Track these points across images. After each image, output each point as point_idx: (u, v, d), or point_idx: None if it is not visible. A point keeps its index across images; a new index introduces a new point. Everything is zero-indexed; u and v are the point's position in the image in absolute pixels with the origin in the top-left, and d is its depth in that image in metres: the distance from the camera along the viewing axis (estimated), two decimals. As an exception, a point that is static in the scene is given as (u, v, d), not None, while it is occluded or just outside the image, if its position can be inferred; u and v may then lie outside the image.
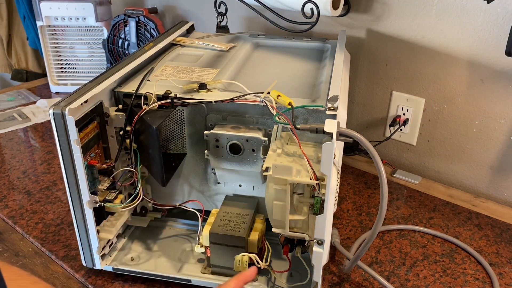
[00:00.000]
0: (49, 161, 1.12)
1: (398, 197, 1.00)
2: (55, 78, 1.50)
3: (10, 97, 1.47)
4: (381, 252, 0.84)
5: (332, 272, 0.79)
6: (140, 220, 0.83)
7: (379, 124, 1.16)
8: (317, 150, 0.64)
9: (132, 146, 0.72)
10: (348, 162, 1.13)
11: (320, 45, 0.99)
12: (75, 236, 0.73)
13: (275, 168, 0.60)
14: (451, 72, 1.00)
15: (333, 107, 0.63)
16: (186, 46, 0.97)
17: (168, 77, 0.79)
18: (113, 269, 0.76)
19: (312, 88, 0.78)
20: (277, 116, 0.64)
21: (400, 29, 1.04)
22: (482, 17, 0.92)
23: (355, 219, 0.92)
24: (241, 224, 0.73)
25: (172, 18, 1.52)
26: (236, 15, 1.26)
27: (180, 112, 0.75)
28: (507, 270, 0.80)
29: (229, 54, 0.92)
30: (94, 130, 0.70)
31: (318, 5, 0.97)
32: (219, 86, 0.75)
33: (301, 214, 0.64)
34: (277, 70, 0.86)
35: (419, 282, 0.77)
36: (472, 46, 0.95)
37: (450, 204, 0.98)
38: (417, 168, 1.13)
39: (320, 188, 0.60)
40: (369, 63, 1.12)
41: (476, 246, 0.86)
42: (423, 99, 1.06)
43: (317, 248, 0.63)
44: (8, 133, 1.25)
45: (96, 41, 1.45)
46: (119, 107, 0.73)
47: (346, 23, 1.12)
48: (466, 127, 1.02)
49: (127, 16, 1.35)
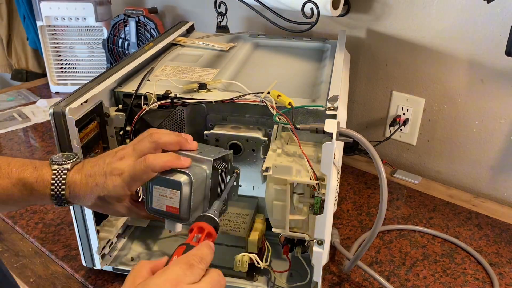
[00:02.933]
0: (49, 161, 1.12)
1: (398, 197, 1.00)
2: (55, 78, 1.50)
3: (10, 97, 1.47)
4: (381, 252, 0.84)
5: (332, 272, 0.79)
6: (140, 220, 0.83)
7: (379, 124, 1.16)
8: (317, 150, 0.64)
9: (132, 146, 0.72)
10: (348, 162, 1.12)
11: (320, 45, 0.99)
12: (75, 236, 0.73)
13: (275, 168, 0.60)
14: (451, 72, 1.00)
15: (333, 107, 0.63)
16: (186, 46, 0.97)
17: (168, 77, 0.79)
18: (113, 269, 0.76)
19: (312, 88, 0.78)
20: (277, 116, 0.64)
21: (400, 29, 1.04)
22: (482, 17, 0.92)
23: (355, 219, 0.92)
24: (241, 224, 0.73)
25: (172, 18, 1.52)
26: (236, 15, 1.26)
27: (180, 112, 0.75)
28: (507, 270, 0.80)
29: (229, 54, 0.92)
30: (94, 130, 0.70)
31: (318, 5, 0.97)
32: (219, 86, 0.75)
33: (301, 214, 0.64)
34: (277, 70, 0.86)
35: (419, 282, 0.77)
36: (472, 46, 0.95)
37: (450, 204, 0.98)
38: (417, 168, 1.13)
39: (320, 188, 0.60)
40: (369, 63, 1.12)
41: (476, 246, 0.86)
42: (423, 99, 1.06)
43: (317, 248, 0.63)
44: (8, 133, 1.25)
45: (96, 41, 1.45)
46: (119, 107, 0.73)
47: (346, 23, 1.11)
48: (466, 127, 1.02)
49: (127, 16, 1.35)
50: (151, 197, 0.59)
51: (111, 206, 0.61)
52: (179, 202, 0.57)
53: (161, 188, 0.58)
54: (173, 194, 0.57)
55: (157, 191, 0.58)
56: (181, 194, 0.57)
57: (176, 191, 0.57)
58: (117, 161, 0.58)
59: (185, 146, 0.61)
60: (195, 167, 0.58)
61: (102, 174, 0.58)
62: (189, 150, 0.61)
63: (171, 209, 0.58)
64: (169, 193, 0.57)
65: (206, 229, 0.53)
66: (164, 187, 0.58)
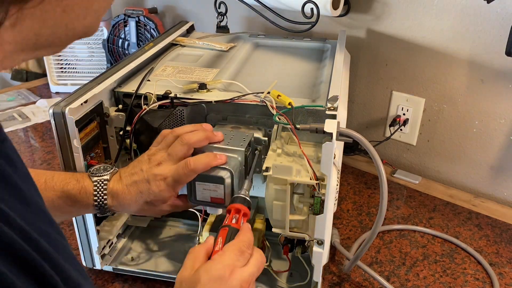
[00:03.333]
0: (49, 161, 1.12)
1: (398, 197, 1.00)
2: (55, 78, 1.50)
3: (10, 97, 1.47)
4: (381, 252, 0.84)
5: (332, 272, 0.79)
6: (140, 220, 0.83)
7: (379, 124, 1.16)
8: (317, 150, 0.64)
9: (132, 146, 0.72)
10: (348, 162, 1.12)
11: (320, 45, 0.99)
12: (75, 236, 0.73)
13: (275, 168, 0.60)
14: (451, 72, 1.00)
15: (333, 107, 0.63)
16: (186, 46, 0.97)
17: (168, 77, 0.79)
18: (113, 269, 0.76)
19: (312, 88, 0.78)
20: (277, 116, 0.64)
21: (400, 29, 1.04)
22: (482, 17, 0.92)
23: (355, 219, 0.92)
24: (241, 224, 0.73)
25: (172, 18, 1.52)
26: (236, 15, 1.26)
27: (180, 112, 0.75)
28: (507, 270, 0.80)
29: (229, 54, 0.92)
30: (94, 130, 0.70)
31: (318, 5, 0.97)
32: (219, 86, 0.75)
33: (301, 214, 0.64)
34: (277, 70, 0.86)
35: (419, 282, 0.77)
36: (472, 46, 0.95)
37: (450, 204, 0.98)
38: (417, 168, 1.13)
39: (320, 188, 0.60)
40: (369, 63, 1.12)
41: (476, 246, 0.86)
42: (423, 99, 1.06)
43: (317, 248, 0.63)
44: (8, 133, 1.24)
45: (96, 41, 1.45)
46: (119, 107, 0.73)
47: (346, 23, 1.12)
48: (466, 127, 1.02)
49: (127, 16, 1.35)
50: (195, 191, 0.64)
51: (157, 208, 0.65)
52: (223, 193, 0.63)
53: (205, 184, 0.63)
54: (217, 188, 0.63)
55: (200, 186, 0.64)
56: (224, 187, 0.63)
57: (220, 185, 0.63)
58: (155, 167, 0.62)
59: (214, 139, 0.65)
60: (230, 159, 0.64)
61: (144, 181, 0.62)
62: (217, 142, 0.65)
63: (216, 200, 0.64)
64: (213, 187, 0.63)
65: (242, 210, 0.59)
66: (207, 182, 0.63)
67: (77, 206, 0.63)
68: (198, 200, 0.65)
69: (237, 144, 0.65)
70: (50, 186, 0.61)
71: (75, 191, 0.62)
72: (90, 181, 0.63)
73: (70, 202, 0.62)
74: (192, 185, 0.64)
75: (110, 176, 0.64)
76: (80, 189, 0.62)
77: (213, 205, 0.65)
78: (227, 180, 0.62)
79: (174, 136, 0.64)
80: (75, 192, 0.62)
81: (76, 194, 0.62)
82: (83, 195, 0.62)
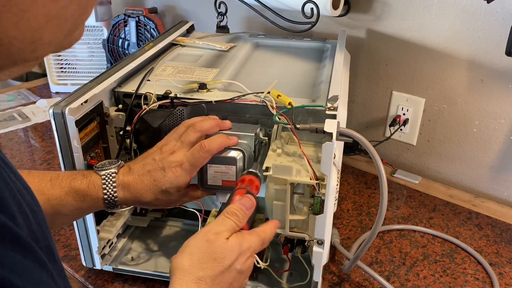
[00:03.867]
0: (49, 161, 1.12)
1: (398, 197, 1.00)
2: (55, 78, 1.50)
3: (10, 97, 1.47)
4: (381, 252, 0.84)
5: (332, 272, 0.79)
6: (140, 220, 0.83)
7: (379, 124, 1.16)
8: (317, 150, 0.64)
9: (132, 146, 0.72)
10: (348, 162, 1.12)
11: (320, 45, 0.99)
12: (75, 236, 0.73)
13: (275, 168, 0.60)
14: (451, 72, 1.00)
15: (333, 107, 0.63)
16: (186, 46, 0.97)
17: (168, 77, 0.79)
18: (113, 269, 0.76)
19: (312, 88, 0.78)
20: (277, 116, 0.64)
21: (400, 29, 1.04)
22: (482, 17, 0.92)
23: (355, 219, 0.92)
24: (241, 224, 0.73)
25: (172, 18, 1.52)
26: (236, 15, 1.26)
27: (180, 112, 0.75)
28: (507, 270, 0.80)
29: (229, 54, 0.92)
30: (94, 130, 0.70)
31: (318, 5, 0.97)
32: (219, 86, 0.75)
33: (301, 214, 0.64)
34: (277, 70, 0.86)
35: (419, 282, 0.77)
36: (472, 46, 0.95)
37: (450, 204, 0.98)
38: (417, 168, 1.13)
39: (320, 188, 0.60)
40: (369, 63, 1.12)
41: (476, 246, 0.86)
42: (423, 99, 1.06)
43: (317, 248, 0.63)
44: (8, 133, 1.25)
45: (96, 41, 1.45)
46: (119, 107, 0.73)
47: (346, 23, 1.11)
48: (466, 127, 1.02)
49: (127, 16, 1.35)
50: (207, 176, 0.66)
51: (171, 196, 0.65)
52: (235, 175, 0.65)
53: (217, 166, 0.65)
54: (229, 169, 0.65)
55: (212, 169, 0.65)
56: (236, 167, 0.64)
57: (232, 166, 0.64)
58: (169, 155, 0.63)
59: (223, 127, 0.67)
60: (241, 143, 0.66)
61: (158, 170, 0.63)
62: (226, 130, 0.67)
63: (228, 183, 0.66)
64: (225, 169, 0.65)
65: (255, 182, 0.61)
66: (219, 164, 0.65)
67: (86, 201, 0.62)
68: (210, 185, 0.66)
69: (247, 131, 0.67)
70: (57, 183, 0.61)
71: (83, 185, 0.62)
72: (97, 175, 0.63)
73: (79, 198, 0.62)
74: (204, 170, 0.65)
75: (117, 169, 0.64)
76: (88, 184, 0.62)
77: (224, 189, 0.67)
78: (239, 161, 0.64)
79: (185, 126, 0.66)
80: (83, 186, 0.62)
81: (84, 188, 0.62)
82: (91, 189, 0.62)
